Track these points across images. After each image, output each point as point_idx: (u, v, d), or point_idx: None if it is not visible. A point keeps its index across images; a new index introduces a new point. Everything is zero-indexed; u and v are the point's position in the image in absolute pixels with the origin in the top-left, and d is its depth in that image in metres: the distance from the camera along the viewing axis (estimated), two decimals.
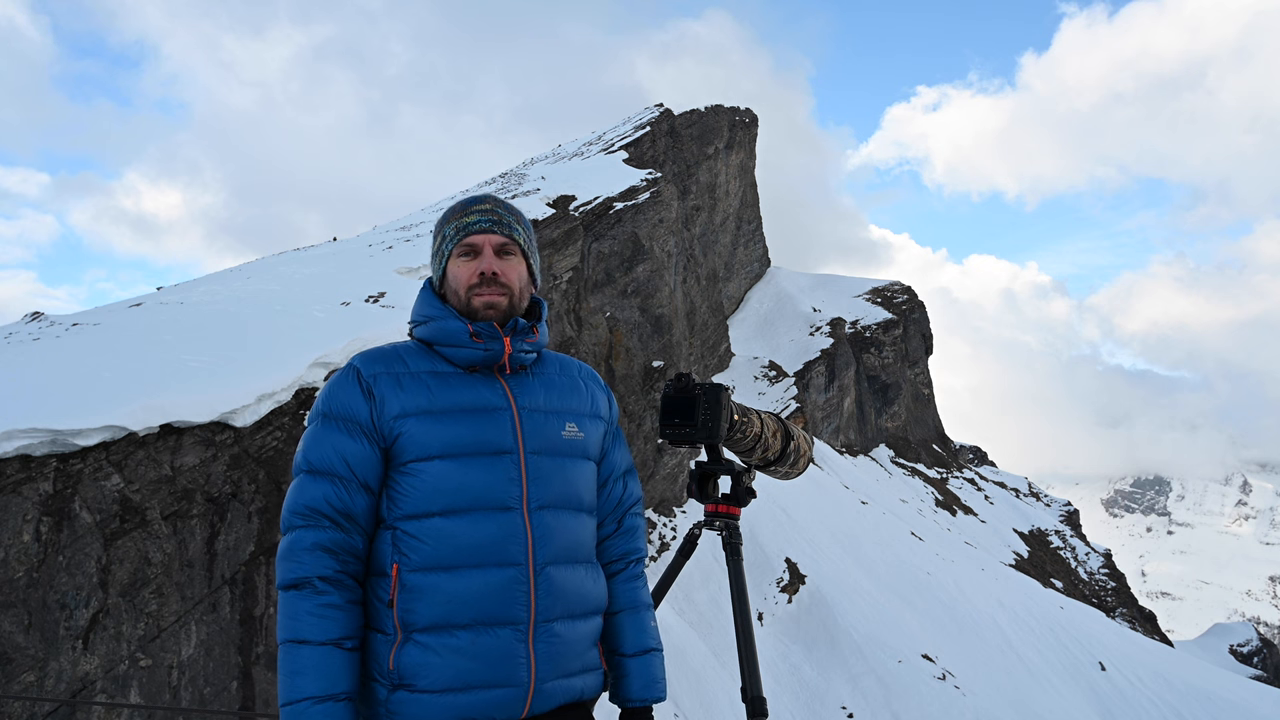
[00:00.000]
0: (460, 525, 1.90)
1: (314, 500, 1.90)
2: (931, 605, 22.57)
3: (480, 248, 2.06)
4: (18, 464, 6.80)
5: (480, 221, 2.08)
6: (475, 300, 2.04)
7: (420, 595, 1.87)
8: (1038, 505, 49.42)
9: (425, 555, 1.89)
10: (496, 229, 2.08)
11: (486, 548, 1.91)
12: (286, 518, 1.91)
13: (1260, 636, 53.29)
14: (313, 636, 1.81)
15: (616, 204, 25.60)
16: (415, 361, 2.03)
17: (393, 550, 1.91)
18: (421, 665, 1.85)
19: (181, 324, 10.21)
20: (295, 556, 1.86)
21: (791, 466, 2.65)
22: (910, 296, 51.17)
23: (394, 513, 1.93)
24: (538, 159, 37.03)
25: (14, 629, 6.43)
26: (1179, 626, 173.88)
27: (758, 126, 49.99)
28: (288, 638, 1.81)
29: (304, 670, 1.79)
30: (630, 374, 20.92)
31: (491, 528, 1.92)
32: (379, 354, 2.03)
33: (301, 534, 1.88)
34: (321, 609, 1.83)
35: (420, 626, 1.86)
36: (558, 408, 2.10)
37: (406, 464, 1.93)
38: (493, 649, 1.88)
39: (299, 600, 1.84)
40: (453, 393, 2.00)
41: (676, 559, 2.45)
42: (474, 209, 2.10)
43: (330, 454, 1.93)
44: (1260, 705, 23.09)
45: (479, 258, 2.06)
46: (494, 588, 1.90)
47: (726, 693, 14.43)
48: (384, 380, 1.98)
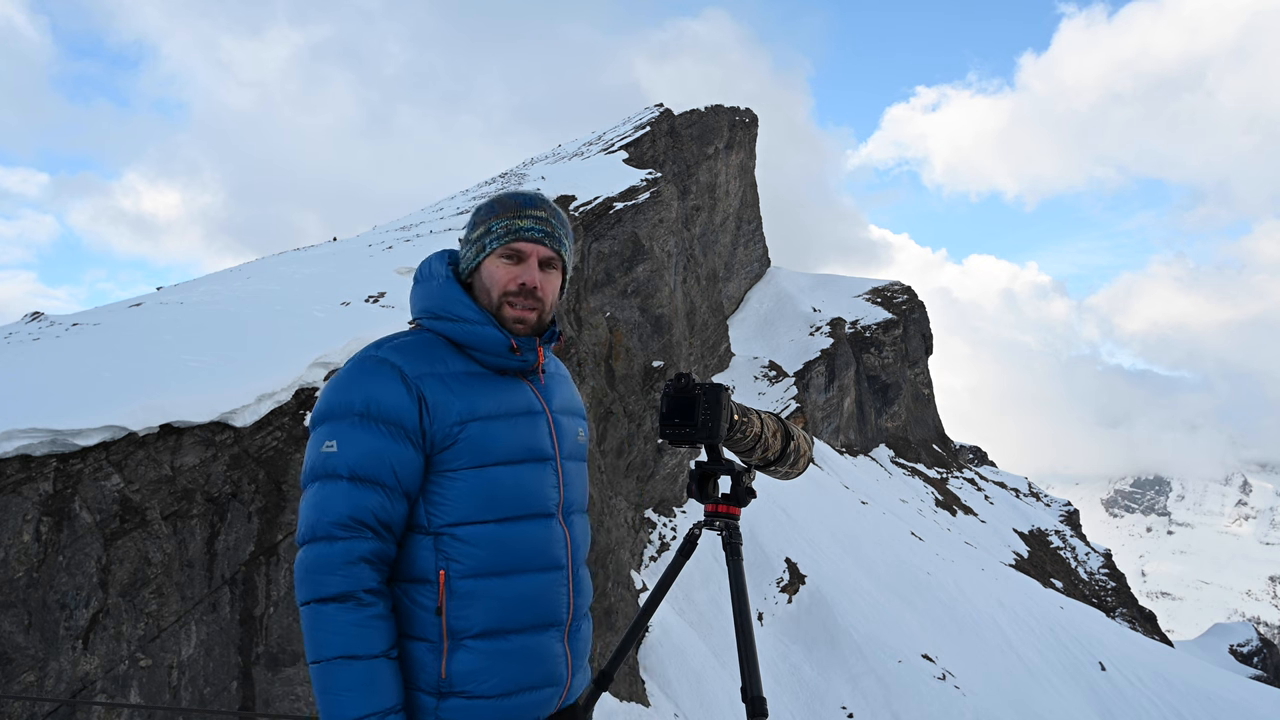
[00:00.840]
0: (515, 531, 1.89)
1: (359, 511, 1.78)
2: (931, 605, 22.57)
3: (527, 256, 1.98)
4: (18, 464, 6.80)
5: (534, 230, 1.98)
6: (507, 310, 1.97)
7: (474, 601, 1.83)
8: (1038, 505, 49.42)
9: (479, 561, 1.84)
10: (547, 242, 2.00)
11: (538, 552, 1.92)
12: (324, 527, 1.77)
13: (1260, 636, 53.29)
14: (364, 651, 1.72)
15: (616, 204, 25.60)
16: (450, 360, 1.93)
17: (437, 556, 1.84)
18: (477, 671, 1.82)
19: (181, 324, 10.21)
20: (338, 569, 1.75)
21: (791, 466, 2.65)
22: (910, 296, 51.17)
23: (440, 519, 1.85)
24: (538, 159, 37.04)
25: (14, 629, 6.44)
26: (1179, 626, 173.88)
27: (758, 126, 50.00)
28: (337, 654, 1.71)
29: (358, 686, 1.70)
30: (630, 374, 20.92)
31: (542, 532, 1.93)
32: (410, 350, 1.91)
33: (347, 545, 1.76)
34: (370, 620, 1.75)
35: (474, 632, 1.83)
36: (570, 409, 2.12)
37: (458, 470, 1.86)
38: (541, 650, 1.90)
39: (343, 613, 1.73)
40: (501, 396, 1.94)
41: (676, 559, 2.44)
42: (529, 212, 1.99)
43: (377, 461, 1.80)
44: (1260, 705, 23.09)
45: (523, 265, 1.97)
46: (544, 590, 1.92)
47: (726, 693, 14.43)
48: (431, 382, 1.87)
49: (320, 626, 1.74)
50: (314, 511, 1.79)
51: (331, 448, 1.81)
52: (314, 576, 1.76)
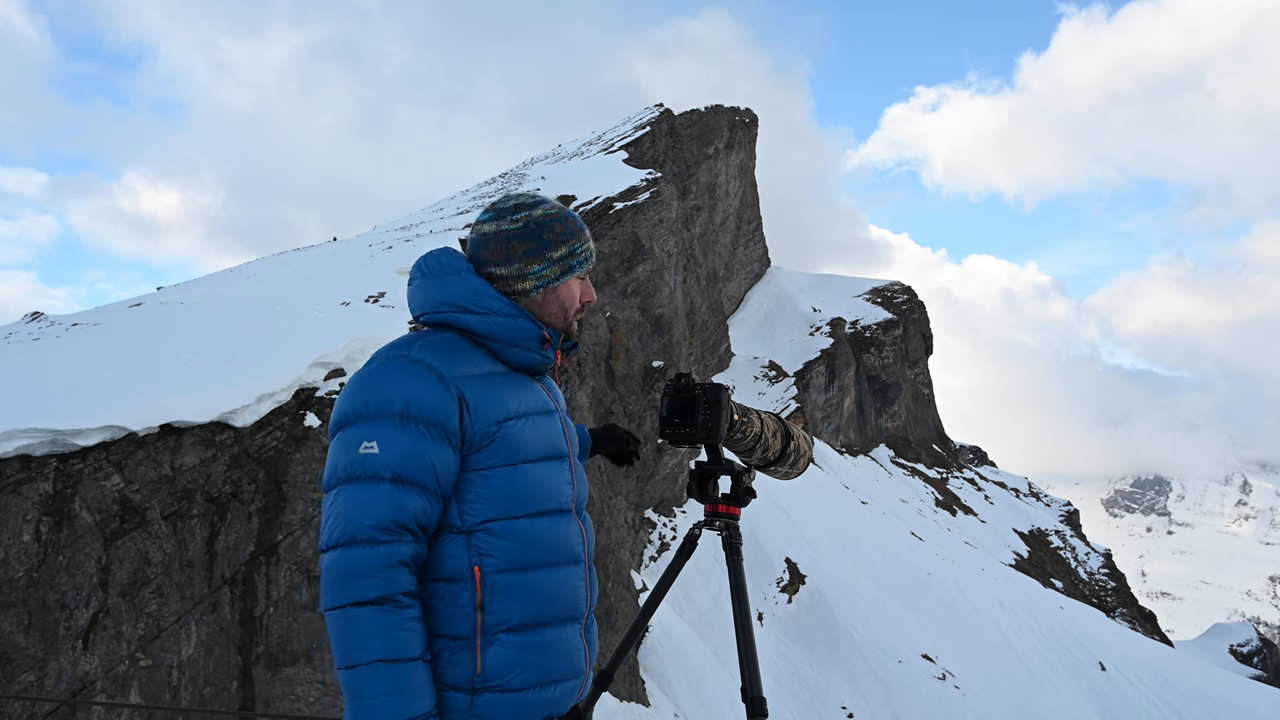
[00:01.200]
0: (543, 526, 1.96)
1: (401, 515, 1.78)
2: (931, 605, 22.57)
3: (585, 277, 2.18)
4: (18, 464, 6.80)
5: (593, 255, 2.19)
6: (574, 325, 2.17)
7: (509, 595, 1.88)
8: (1038, 505, 49.42)
9: (512, 555, 1.89)
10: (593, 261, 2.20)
11: (562, 547, 2.00)
12: (365, 530, 1.75)
13: (1260, 636, 53.30)
14: (403, 654, 1.72)
15: (616, 204, 25.61)
16: (478, 360, 1.96)
17: (471, 553, 1.86)
18: (511, 664, 1.86)
19: (181, 324, 10.21)
20: (378, 573, 1.73)
21: (791, 466, 2.65)
22: (910, 296, 51.16)
23: (474, 517, 1.88)
24: (538, 159, 37.05)
25: (14, 629, 6.44)
26: (1179, 626, 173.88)
27: (758, 126, 50.00)
28: (375, 658, 1.70)
29: (396, 691, 1.70)
30: (630, 374, 20.92)
31: (565, 526, 2.02)
32: (443, 350, 1.92)
33: (389, 549, 1.75)
34: (407, 623, 1.75)
35: (508, 627, 1.87)
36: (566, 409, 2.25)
37: (492, 468, 1.89)
38: (568, 642, 1.99)
39: (382, 616, 1.72)
40: (525, 396, 2.03)
41: (676, 559, 2.45)
42: (590, 240, 2.18)
43: (420, 463, 1.80)
44: (1260, 705, 23.09)
45: (584, 283, 2.18)
46: (569, 584, 2.00)
47: (726, 693, 14.43)
48: (469, 384, 1.90)
49: (356, 631, 1.72)
50: (351, 513, 1.77)
51: (371, 448, 1.79)
52: (351, 580, 1.73)
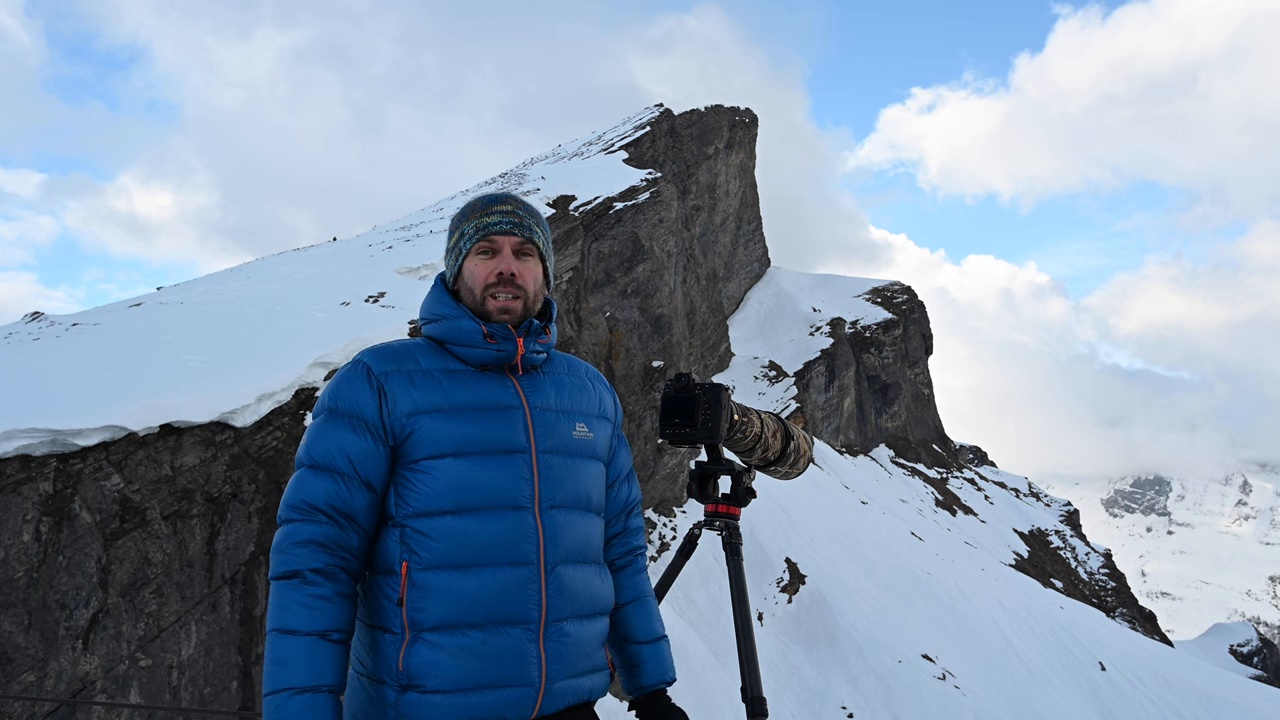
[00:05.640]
0: (472, 524, 1.90)
1: (312, 496, 1.89)
2: (931, 605, 22.57)
3: (500, 247, 2.06)
4: (18, 464, 6.80)
5: (501, 222, 2.07)
6: (490, 303, 2.04)
7: (431, 594, 1.86)
8: (1038, 505, 49.43)
9: (436, 553, 1.88)
10: (517, 230, 2.08)
11: (498, 546, 1.91)
12: (283, 510, 1.90)
13: (1260, 636, 53.32)
14: (300, 626, 1.80)
15: (616, 204, 25.61)
16: (426, 359, 2.02)
17: (401, 548, 1.90)
18: (432, 665, 1.84)
19: (181, 324, 10.21)
20: (288, 550, 1.85)
21: (791, 466, 2.65)
22: (910, 296, 51.17)
23: (403, 510, 1.92)
24: (538, 159, 37.06)
25: (14, 629, 6.43)
26: (1179, 626, 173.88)
27: (757, 126, 50.02)
28: (275, 627, 1.81)
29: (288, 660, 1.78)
30: (630, 374, 20.92)
31: (503, 526, 1.93)
32: (389, 351, 2.02)
33: (297, 527, 1.87)
34: (310, 599, 1.82)
35: (430, 625, 1.86)
36: (568, 408, 2.12)
37: (418, 461, 1.92)
38: (504, 648, 1.89)
39: (289, 591, 1.82)
40: (466, 390, 2.00)
41: (676, 559, 2.45)
42: (495, 209, 2.09)
43: (333, 450, 1.92)
44: (1260, 705, 23.09)
45: (497, 257, 2.06)
46: (505, 587, 1.91)
47: (726, 693, 14.43)
48: (395, 378, 1.97)
49: (271, 601, 1.86)
50: (283, 498, 1.93)
51: (305, 442, 1.97)
52: (273, 555, 1.89)
